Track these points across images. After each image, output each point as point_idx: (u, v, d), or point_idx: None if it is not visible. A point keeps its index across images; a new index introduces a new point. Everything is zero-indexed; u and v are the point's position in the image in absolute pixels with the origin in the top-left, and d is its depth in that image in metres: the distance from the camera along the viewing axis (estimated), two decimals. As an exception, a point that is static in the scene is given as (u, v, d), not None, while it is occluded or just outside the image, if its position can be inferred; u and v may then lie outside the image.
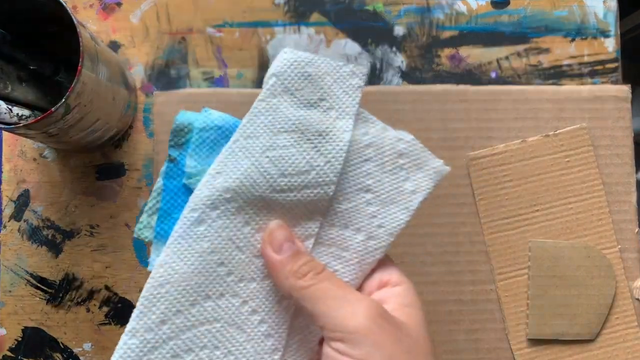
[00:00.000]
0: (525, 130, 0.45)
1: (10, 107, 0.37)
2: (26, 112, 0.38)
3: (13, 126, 0.33)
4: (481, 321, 0.45)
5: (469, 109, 0.46)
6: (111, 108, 0.40)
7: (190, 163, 0.29)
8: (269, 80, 0.29)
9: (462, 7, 0.47)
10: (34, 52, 0.39)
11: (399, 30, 0.47)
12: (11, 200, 0.45)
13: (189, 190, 0.29)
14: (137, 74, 0.46)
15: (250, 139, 0.28)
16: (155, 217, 0.29)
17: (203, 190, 0.27)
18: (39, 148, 0.45)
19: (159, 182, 0.30)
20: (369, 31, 0.47)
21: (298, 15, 0.47)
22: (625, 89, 0.46)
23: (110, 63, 0.39)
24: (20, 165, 0.45)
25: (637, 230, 0.45)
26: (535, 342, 0.44)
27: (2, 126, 0.33)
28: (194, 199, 0.27)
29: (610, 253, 0.45)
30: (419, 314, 0.27)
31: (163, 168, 0.30)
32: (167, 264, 0.27)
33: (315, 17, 0.47)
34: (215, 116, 0.29)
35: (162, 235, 0.29)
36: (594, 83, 0.47)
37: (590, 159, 0.45)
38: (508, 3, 0.48)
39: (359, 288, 0.29)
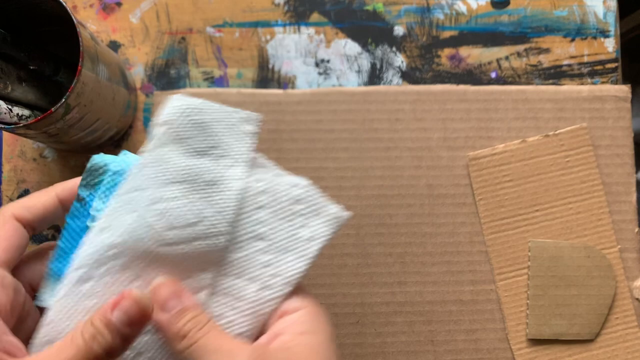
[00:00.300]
0: (525, 130, 0.45)
1: (10, 107, 0.36)
2: (26, 112, 0.38)
3: (13, 126, 0.33)
4: (481, 321, 0.45)
5: (469, 109, 0.46)
6: (111, 108, 0.40)
7: (97, 206, 0.28)
8: (158, 128, 0.28)
9: (462, 7, 0.47)
10: (33, 52, 0.39)
11: (399, 30, 0.47)
12: (11, 200, 0.45)
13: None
14: (137, 74, 0.46)
15: (137, 192, 0.27)
16: None
17: (87, 248, 0.27)
18: (39, 148, 0.45)
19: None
20: (368, 31, 0.47)
21: (298, 15, 0.47)
22: (625, 89, 0.46)
23: (110, 63, 0.39)
24: (20, 165, 0.45)
25: (637, 230, 0.45)
26: (535, 342, 0.44)
27: (2, 126, 0.33)
28: (79, 257, 0.27)
29: (610, 253, 0.45)
30: (316, 339, 0.26)
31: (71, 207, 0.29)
32: (52, 322, 0.26)
33: (315, 17, 0.47)
34: (132, 160, 0.29)
35: (56, 272, 0.28)
36: (594, 83, 0.47)
37: (590, 159, 0.45)
38: (508, 3, 0.48)
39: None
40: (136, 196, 0.27)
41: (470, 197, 0.45)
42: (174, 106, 0.28)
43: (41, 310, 0.28)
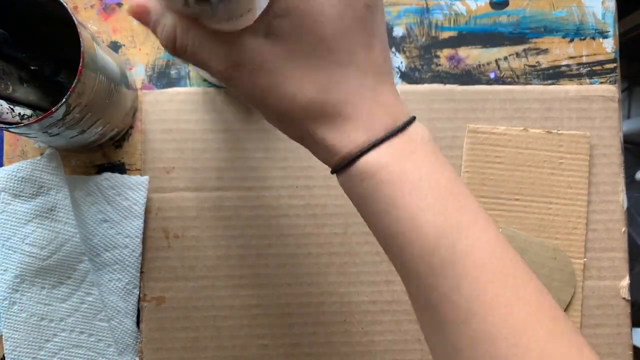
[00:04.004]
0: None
1: (12, 106, 0.37)
2: (28, 111, 0.38)
3: (14, 126, 0.33)
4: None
5: (456, 108, 0.46)
6: (112, 108, 0.40)
7: None
8: (1, 195, 0.42)
9: (461, 8, 0.48)
10: (35, 53, 0.39)
11: (399, 31, 0.47)
12: (12, 200, 0.45)
13: None
14: (138, 74, 0.46)
15: (10, 239, 0.41)
16: None
17: (1, 285, 0.42)
18: (40, 148, 0.45)
19: None
20: (368, 32, 0.47)
21: (298, 15, 0.47)
22: (612, 89, 0.46)
23: (111, 63, 0.39)
24: (22, 165, 0.45)
25: (624, 230, 0.45)
26: None
27: (3, 126, 0.33)
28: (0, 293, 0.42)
29: (576, 264, 0.45)
30: None
31: None
32: (7, 340, 0.42)
33: (314, 17, 0.47)
34: None
35: None
36: (593, 83, 0.47)
37: (583, 167, 0.45)
38: (507, 4, 0.48)
39: None
40: (11, 241, 0.41)
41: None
42: (0, 177, 0.41)
43: None
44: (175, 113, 0.45)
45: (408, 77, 0.47)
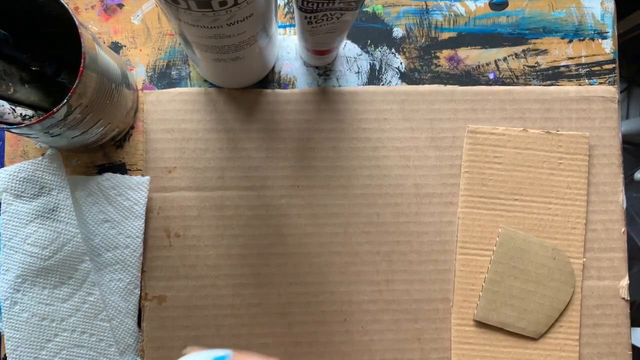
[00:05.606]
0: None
1: (13, 107, 0.37)
2: (29, 112, 0.38)
3: (15, 126, 0.33)
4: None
5: (456, 109, 0.46)
6: (113, 109, 0.40)
7: None
8: (2, 195, 0.41)
9: (460, 9, 0.48)
10: (36, 53, 0.39)
11: (398, 32, 0.48)
12: (14, 200, 0.46)
13: None
14: (139, 74, 0.47)
15: (12, 239, 0.41)
16: None
17: (3, 285, 0.42)
18: (41, 148, 0.45)
19: None
20: (368, 32, 0.48)
21: (298, 16, 0.47)
22: (612, 90, 0.46)
23: (112, 64, 0.39)
24: (23, 165, 0.46)
25: (623, 230, 0.45)
26: (477, 323, 0.45)
27: (5, 126, 0.33)
28: (1, 292, 0.42)
29: (575, 264, 0.45)
30: None
31: None
32: (8, 340, 0.42)
33: (314, 18, 0.47)
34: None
35: None
36: (592, 84, 0.47)
37: (582, 167, 0.45)
38: (506, 5, 0.48)
39: None
40: (13, 242, 0.41)
41: (456, 197, 0.45)
42: (2, 177, 0.41)
43: None
44: (176, 113, 0.45)
45: (407, 77, 0.47)
